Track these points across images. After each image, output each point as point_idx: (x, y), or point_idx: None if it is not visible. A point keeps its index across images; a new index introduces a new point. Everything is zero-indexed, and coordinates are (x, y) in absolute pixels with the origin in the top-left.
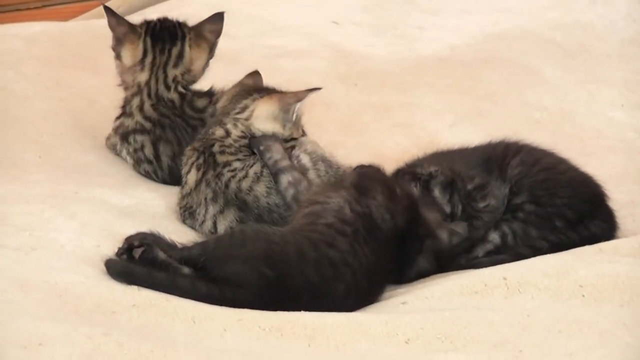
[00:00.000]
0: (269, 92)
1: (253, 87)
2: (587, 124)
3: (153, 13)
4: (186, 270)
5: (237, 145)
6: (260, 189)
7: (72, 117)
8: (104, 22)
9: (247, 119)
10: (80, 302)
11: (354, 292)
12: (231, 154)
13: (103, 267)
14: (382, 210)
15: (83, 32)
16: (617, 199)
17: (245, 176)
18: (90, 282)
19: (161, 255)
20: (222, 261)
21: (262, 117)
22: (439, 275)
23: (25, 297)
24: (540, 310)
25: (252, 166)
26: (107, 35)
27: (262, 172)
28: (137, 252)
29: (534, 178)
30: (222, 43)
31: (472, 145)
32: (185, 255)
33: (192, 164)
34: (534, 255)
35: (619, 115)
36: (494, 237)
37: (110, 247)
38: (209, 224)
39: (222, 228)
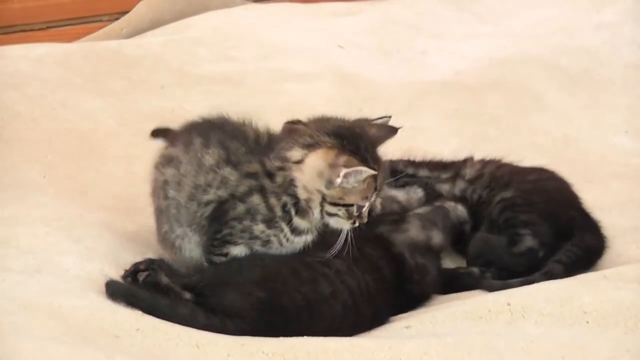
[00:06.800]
0: None
1: None
2: (590, 150)
3: (157, 35)
4: (187, 295)
5: None
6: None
7: (77, 138)
8: (106, 44)
9: None
10: (84, 325)
11: (352, 313)
12: None
13: None
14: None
15: (87, 54)
16: (621, 224)
17: None
18: (95, 306)
19: (164, 280)
20: (217, 288)
21: None
22: (442, 299)
23: (29, 320)
24: (544, 336)
25: None
26: (111, 58)
27: None
28: (142, 276)
29: (497, 173)
30: (228, 66)
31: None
32: (185, 282)
33: None
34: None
35: (622, 141)
36: (525, 234)
37: (114, 272)
38: None
39: None
